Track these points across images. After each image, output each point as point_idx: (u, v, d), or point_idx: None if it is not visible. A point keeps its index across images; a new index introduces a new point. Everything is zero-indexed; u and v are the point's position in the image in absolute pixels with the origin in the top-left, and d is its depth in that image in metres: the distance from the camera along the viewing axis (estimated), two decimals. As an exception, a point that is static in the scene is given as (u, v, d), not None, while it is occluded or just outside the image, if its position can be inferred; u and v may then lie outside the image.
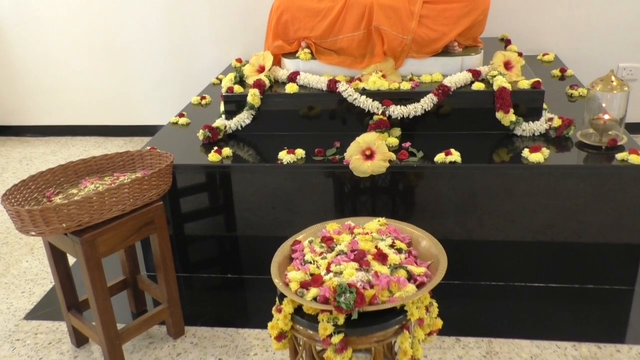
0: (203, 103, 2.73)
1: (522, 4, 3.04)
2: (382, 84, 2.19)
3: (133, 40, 3.41)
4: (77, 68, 3.52)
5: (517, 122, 2.11)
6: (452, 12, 2.23)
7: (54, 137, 3.73)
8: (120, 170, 1.91)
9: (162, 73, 3.47)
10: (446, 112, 2.19)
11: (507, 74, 2.18)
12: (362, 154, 1.95)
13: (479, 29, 2.34)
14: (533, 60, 2.99)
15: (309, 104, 2.27)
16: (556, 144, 2.06)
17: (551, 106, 2.31)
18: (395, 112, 2.14)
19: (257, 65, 2.39)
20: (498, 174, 1.97)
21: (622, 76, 3.07)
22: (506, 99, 2.08)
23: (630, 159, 1.87)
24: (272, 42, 2.41)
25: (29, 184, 1.72)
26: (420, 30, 2.24)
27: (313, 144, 2.12)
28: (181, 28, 3.35)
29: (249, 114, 2.26)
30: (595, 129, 2.02)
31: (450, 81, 2.15)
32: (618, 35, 3.04)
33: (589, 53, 3.07)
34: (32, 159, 3.41)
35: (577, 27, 3.07)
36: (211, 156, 2.09)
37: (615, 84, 1.96)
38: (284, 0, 2.36)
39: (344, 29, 2.29)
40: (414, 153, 2.01)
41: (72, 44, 3.46)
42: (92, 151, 3.48)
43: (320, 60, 2.35)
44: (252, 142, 2.27)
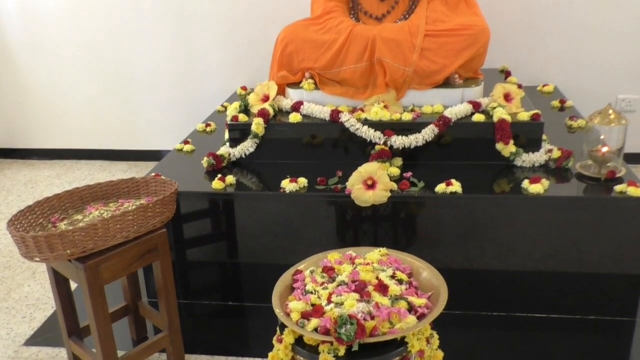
0: (208, 130, 2.77)
1: (522, 36, 3.09)
2: (384, 114, 2.23)
3: (140, 66, 3.47)
4: (84, 93, 3.58)
5: (517, 153, 2.14)
6: (452, 46, 2.28)
7: (60, 161, 3.76)
8: (125, 196, 1.94)
9: (168, 99, 3.52)
10: (447, 142, 2.22)
11: (506, 106, 2.21)
12: (364, 183, 1.98)
13: (479, 62, 2.38)
14: (533, 91, 3.03)
15: (312, 133, 2.30)
16: (556, 175, 2.08)
17: (551, 137, 2.33)
18: (397, 143, 2.17)
19: (262, 94, 2.44)
20: (498, 205, 1.99)
21: (620, 107, 3.10)
22: (506, 130, 2.11)
23: (629, 191, 1.89)
24: (277, 72, 2.46)
25: (35, 209, 1.75)
26: (422, 63, 2.28)
27: (316, 173, 2.14)
28: (188, 56, 3.41)
29: (253, 142, 2.30)
30: (594, 161, 2.05)
31: (451, 112, 2.19)
32: (617, 67, 3.08)
33: (588, 84, 3.11)
34: (37, 182, 3.44)
35: (576, 59, 3.11)
36: (215, 184, 2.12)
37: (612, 117, 1.99)
38: (289, 32, 2.42)
39: (347, 60, 2.34)
40: (415, 183, 2.04)
41: (81, 69, 3.52)
42: (97, 175, 3.51)
43: (323, 90, 2.39)
44: (256, 169, 2.30)
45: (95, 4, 3.35)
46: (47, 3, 3.39)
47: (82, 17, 3.39)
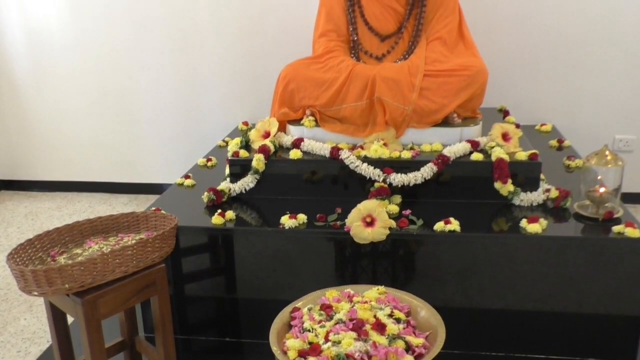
0: (209, 165, 2.80)
1: (521, 76, 3.15)
2: (384, 152, 2.25)
3: (144, 100, 3.52)
4: (87, 125, 3.62)
5: (515, 192, 2.15)
6: (451, 85, 2.32)
7: (61, 193, 3.78)
8: (125, 231, 1.95)
9: (171, 133, 3.56)
10: (446, 180, 2.24)
11: (505, 145, 2.24)
12: (363, 221, 1.99)
13: (477, 102, 2.42)
14: (531, 130, 3.07)
15: (312, 170, 2.32)
16: (554, 215, 2.10)
17: (549, 176, 2.36)
18: (396, 180, 2.19)
19: (263, 130, 2.47)
20: (497, 243, 2.00)
21: (618, 147, 3.13)
22: (504, 169, 2.13)
23: (627, 232, 1.90)
24: (278, 109, 2.50)
25: (35, 243, 1.75)
26: (421, 102, 2.32)
27: (315, 209, 2.16)
28: (191, 90, 3.46)
29: (254, 178, 2.32)
30: (591, 201, 2.06)
31: (449, 151, 2.22)
32: (614, 108, 3.13)
33: (585, 124, 3.15)
34: (37, 214, 3.45)
35: (574, 98, 3.16)
36: (214, 219, 2.13)
37: (609, 158, 2.01)
38: (291, 70, 2.46)
39: (347, 98, 2.38)
40: (414, 221, 2.05)
41: (85, 102, 3.57)
42: (98, 207, 3.53)
43: (324, 128, 2.42)
44: (256, 205, 2.31)
45: (101, 39, 3.42)
46: (53, 36, 3.46)
47: (87, 50, 3.46)
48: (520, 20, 3.06)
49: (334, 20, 2.62)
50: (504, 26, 3.08)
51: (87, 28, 3.42)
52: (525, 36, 3.08)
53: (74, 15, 3.41)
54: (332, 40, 2.59)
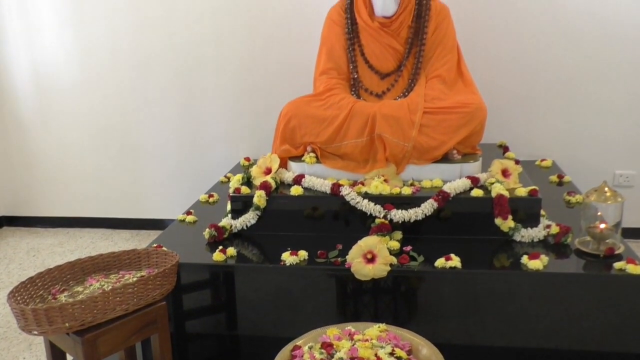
0: (211, 201, 2.81)
1: (521, 112, 3.18)
2: (384, 188, 2.27)
3: (147, 136, 3.56)
4: (91, 162, 3.65)
5: (516, 228, 2.16)
6: (450, 122, 2.35)
7: (63, 229, 3.79)
8: (126, 268, 1.95)
9: (173, 169, 3.59)
10: (446, 216, 2.25)
11: (504, 182, 2.25)
12: (364, 257, 1.99)
13: (477, 138, 2.44)
14: (531, 165, 3.09)
15: (314, 206, 2.33)
16: (555, 251, 2.09)
17: (549, 212, 2.36)
18: (397, 216, 2.20)
19: (265, 167, 2.49)
20: (498, 280, 1.99)
21: (618, 183, 3.14)
22: (504, 206, 2.14)
23: (628, 268, 1.90)
24: (280, 145, 2.52)
25: (36, 281, 1.76)
26: (421, 139, 2.34)
27: (317, 245, 2.16)
28: (194, 126, 3.50)
29: (255, 214, 2.33)
30: (592, 237, 2.06)
31: (449, 187, 2.23)
32: (614, 143, 3.15)
33: (586, 159, 3.17)
34: (39, 251, 3.45)
35: (573, 134, 3.18)
36: (216, 256, 2.13)
37: (608, 194, 2.02)
38: (292, 108, 2.50)
39: (348, 135, 2.41)
40: (415, 257, 2.05)
41: (89, 139, 3.61)
42: (99, 243, 3.53)
43: (325, 164, 2.45)
44: (257, 241, 2.32)
45: (105, 77, 3.48)
46: (60, 74, 3.52)
47: (93, 89, 3.52)
48: (518, 57, 3.11)
49: (334, 59, 2.67)
50: (503, 64, 3.13)
51: (93, 67, 3.49)
52: (523, 73, 3.13)
53: (80, 54, 3.48)
54: (332, 78, 2.64)
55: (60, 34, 3.46)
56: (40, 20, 3.46)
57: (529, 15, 3.05)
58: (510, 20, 3.07)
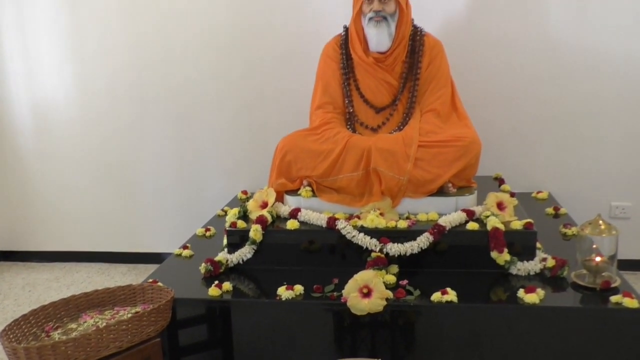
0: (207, 235, 2.81)
1: (515, 145, 3.20)
2: (380, 222, 2.27)
3: (145, 170, 3.57)
4: (88, 196, 3.65)
5: (512, 261, 2.15)
6: (445, 156, 2.37)
7: (60, 263, 3.77)
8: (121, 304, 1.94)
9: (170, 202, 3.59)
10: (442, 249, 2.25)
11: (500, 215, 2.26)
12: (360, 291, 1.98)
13: (471, 172, 2.46)
14: (528, 197, 3.10)
15: (310, 240, 2.34)
16: (551, 284, 2.09)
17: (546, 245, 2.36)
18: (393, 250, 2.20)
19: (261, 201, 2.50)
20: (495, 314, 1.98)
21: (615, 214, 3.15)
22: (500, 239, 2.14)
23: (625, 302, 1.89)
24: (276, 179, 2.54)
25: (30, 318, 1.75)
26: (416, 172, 2.36)
27: (313, 279, 2.15)
28: (191, 160, 3.52)
29: (251, 248, 2.33)
30: (588, 270, 2.06)
31: (445, 221, 2.24)
32: (609, 175, 3.16)
33: (582, 191, 3.18)
34: (35, 286, 3.43)
35: (569, 166, 3.19)
36: (211, 291, 2.12)
37: (603, 227, 2.03)
38: (288, 142, 2.52)
39: (343, 169, 2.43)
40: (411, 291, 2.04)
41: (87, 174, 3.62)
42: (95, 278, 3.51)
43: (321, 198, 2.46)
44: (253, 275, 2.31)
45: (104, 113, 3.51)
46: (59, 111, 3.55)
47: (91, 125, 3.54)
48: (512, 91, 3.14)
49: (330, 93, 2.71)
50: (497, 97, 3.15)
51: (92, 105, 3.51)
52: (518, 107, 3.16)
53: (79, 91, 3.51)
54: (328, 112, 2.67)
55: (60, 73, 3.50)
56: (40, 60, 3.50)
57: (523, 51, 3.09)
58: (503, 55, 3.11)
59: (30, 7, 3.43)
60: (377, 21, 2.55)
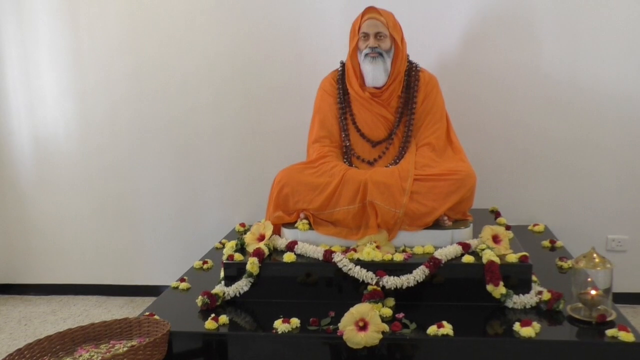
0: (205, 267, 2.82)
1: (511, 178, 3.22)
2: (376, 255, 2.28)
3: (143, 203, 3.59)
4: (87, 229, 3.67)
5: (508, 294, 2.16)
6: (440, 189, 2.39)
7: (56, 296, 3.76)
8: (117, 337, 1.94)
9: (169, 235, 3.60)
10: (439, 282, 2.25)
11: (495, 248, 2.27)
12: (356, 325, 1.98)
13: (467, 205, 2.48)
14: (524, 230, 3.11)
15: (307, 272, 2.34)
16: (547, 318, 2.09)
17: (542, 278, 2.37)
18: (389, 283, 2.20)
19: (258, 233, 2.51)
20: (491, 347, 1.98)
21: (611, 247, 3.15)
22: (495, 272, 2.15)
23: (621, 336, 1.89)
24: (273, 212, 2.56)
25: (25, 353, 1.75)
26: (412, 205, 2.38)
27: (309, 312, 2.15)
28: (190, 193, 3.55)
29: (248, 281, 2.34)
30: (584, 304, 2.06)
31: (441, 254, 2.25)
32: (605, 208, 3.17)
33: (578, 224, 3.18)
34: (31, 319, 3.41)
35: (565, 199, 3.21)
36: (208, 324, 2.12)
37: (597, 261, 2.04)
38: (285, 175, 2.55)
39: (340, 202, 2.45)
40: (407, 325, 2.04)
41: (86, 206, 3.64)
42: (93, 311, 3.49)
43: (317, 230, 2.47)
44: (250, 308, 2.31)
45: (104, 146, 3.55)
46: (59, 143, 3.59)
47: (91, 157, 3.57)
48: (508, 126, 3.17)
49: (327, 127, 2.75)
50: (493, 131, 3.19)
51: (92, 135, 3.55)
52: (513, 141, 3.19)
53: (80, 123, 3.55)
54: (325, 146, 2.70)
55: (60, 105, 3.55)
56: (42, 92, 3.55)
57: (517, 85, 3.14)
58: (498, 89, 3.16)
59: (33, 40, 3.50)
60: (373, 57, 2.61)
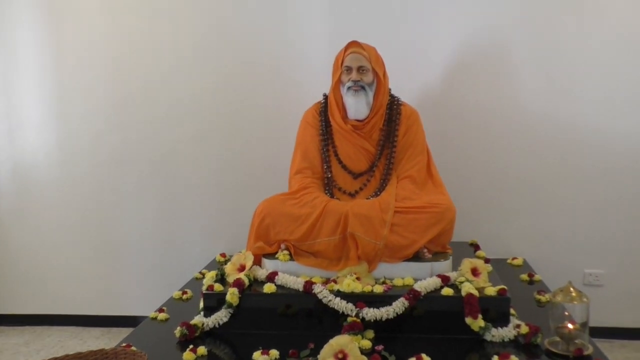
0: (184, 298, 2.79)
1: (490, 212, 3.26)
2: (356, 286, 2.29)
3: (123, 232, 3.55)
4: (64, 258, 3.61)
5: (487, 327, 2.17)
6: (420, 222, 2.42)
7: (31, 327, 3.67)
8: (92, 368, 1.91)
9: (149, 264, 3.56)
10: (418, 315, 2.26)
11: (474, 281, 2.29)
12: (335, 357, 1.97)
13: (446, 237, 2.51)
14: (503, 263, 3.13)
15: (287, 304, 2.34)
16: (526, 351, 2.10)
17: (521, 311, 2.38)
18: (369, 315, 2.20)
19: (239, 264, 2.50)
20: (470, 381, 1.98)
21: (588, 281, 3.18)
22: (474, 305, 2.16)
23: (597, 370, 1.91)
24: (254, 243, 2.56)
25: (-3, 383, 1.71)
26: (392, 237, 2.40)
27: (289, 343, 2.14)
28: (170, 223, 3.52)
29: (227, 312, 2.32)
30: (561, 337, 2.08)
31: (420, 286, 2.26)
32: (582, 242, 3.21)
33: (556, 258, 3.22)
34: (2, 351, 3.32)
35: (543, 234, 3.25)
36: (186, 355, 2.09)
37: (574, 295, 2.06)
38: (267, 206, 2.56)
39: (321, 233, 2.46)
40: (386, 357, 2.04)
41: (64, 235, 3.59)
42: (68, 342, 3.42)
43: (298, 261, 2.47)
44: (229, 340, 2.29)
45: (85, 172, 3.52)
46: (39, 171, 3.56)
47: (71, 185, 3.55)
48: (487, 160, 3.23)
49: (309, 159, 2.77)
50: (472, 165, 3.24)
51: (73, 164, 3.53)
52: (492, 175, 3.24)
53: (61, 152, 3.53)
54: (307, 177, 2.73)
55: (41, 133, 3.53)
56: (22, 119, 3.54)
57: (496, 120, 3.20)
58: (478, 125, 3.22)
59: (14, 68, 3.50)
60: (356, 90, 2.66)
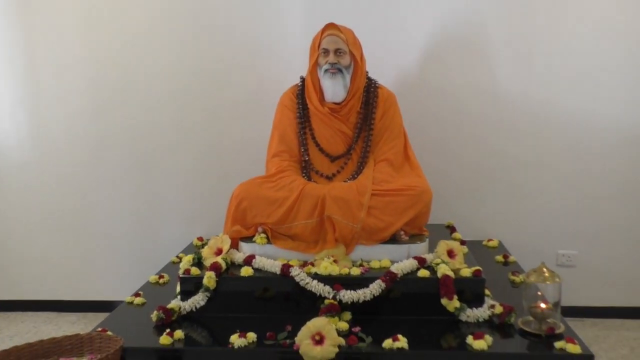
0: (161, 282, 2.77)
1: (466, 194, 3.29)
2: (334, 269, 2.30)
3: (99, 216, 3.51)
4: (38, 242, 3.56)
5: (462, 308, 2.20)
6: (397, 204, 2.43)
7: (4, 313, 3.62)
8: (67, 354, 1.89)
9: (124, 248, 3.53)
10: (395, 296, 2.28)
11: (450, 262, 2.32)
12: (312, 338, 1.99)
13: (423, 220, 2.53)
14: (479, 245, 3.17)
15: (264, 287, 2.34)
16: (499, 331, 2.14)
17: (495, 292, 2.42)
18: (346, 297, 2.22)
19: (216, 247, 2.50)
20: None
21: (561, 262, 3.25)
22: (449, 286, 2.19)
23: (568, 347, 1.95)
24: (231, 226, 2.55)
25: (-32, 370, 1.68)
26: (369, 220, 2.41)
27: (267, 326, 2.15)
28: (147, 206, 3.49)
29: (204, 295, 2.31)
30: (534, 317, 2.12)
31: (397, 268, 2.28)
32: (556, 224, 3.27)
33: (530, 240, 3.27)
34: (-26, 337, 3.28)
35: (518, 215, 3.30)
36: (162, 339, 2.09)
37: (547, 275, 2.10)
38: (244, 189, 2.55)
39: (298, 216, 2.46)
40: (363, 338, 2.06)
41: (38, 219, 3.54)
42: (42, 328, 3.38)
43: (275, 244, 2.48)
44: (206, 323, 2.29)
45: (59, 157, 3.46)
46: (11, 153, 3.49)
47: (45, 168, 3.49)
48: (462, 143, 3.26)
49: (286, 142, 2.76)
50: (448, 148, 3.26)
51: (46, 148, 3.46)
52: (469, 157, 3.26)
53: (33, 135, 3.46)
54: (284, 160, 2.72)
55: (13, 116, 3.45)
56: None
57: (472, 103, 3.22)
58: (454, 107, 3.24)
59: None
60: (333, 73, 2.64)
